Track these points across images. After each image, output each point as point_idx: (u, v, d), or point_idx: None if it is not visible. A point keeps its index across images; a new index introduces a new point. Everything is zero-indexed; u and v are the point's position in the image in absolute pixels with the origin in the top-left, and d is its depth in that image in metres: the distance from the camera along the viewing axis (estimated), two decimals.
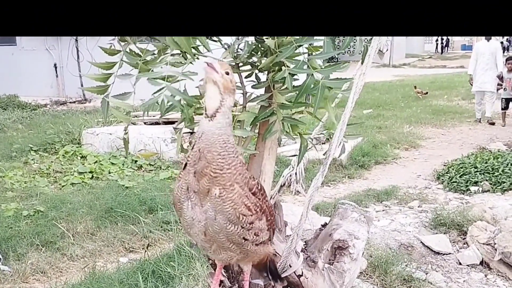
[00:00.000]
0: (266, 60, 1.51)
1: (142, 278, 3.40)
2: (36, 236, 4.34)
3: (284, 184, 2.02)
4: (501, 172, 5.83)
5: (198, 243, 1.46)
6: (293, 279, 1.77)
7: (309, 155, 1.98)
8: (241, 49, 1.59)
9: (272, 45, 1.44)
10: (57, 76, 13.86)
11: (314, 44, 1.54)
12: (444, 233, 4.30)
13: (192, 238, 1.46)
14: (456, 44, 40.13)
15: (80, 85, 12.27)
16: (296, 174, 2.00)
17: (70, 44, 13.27)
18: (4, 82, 13.03)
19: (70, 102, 13.11)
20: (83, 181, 5.93)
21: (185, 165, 1.38)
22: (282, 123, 1.65)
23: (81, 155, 6.86)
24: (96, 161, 6.58)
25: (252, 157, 1.75)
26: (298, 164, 1.97)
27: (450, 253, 4.06)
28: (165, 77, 1.46)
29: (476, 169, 6.01)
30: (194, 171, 1.35)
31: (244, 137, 1.68)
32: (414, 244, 4.16)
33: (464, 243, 4.17)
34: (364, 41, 1.61)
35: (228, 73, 1.35)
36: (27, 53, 13.81)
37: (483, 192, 5.62)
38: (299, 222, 1.69)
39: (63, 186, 5.83)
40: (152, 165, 6.63)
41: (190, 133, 1.70)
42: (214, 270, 1.66)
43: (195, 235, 1.42)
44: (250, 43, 1.55)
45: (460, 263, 3.93)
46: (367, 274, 3.62)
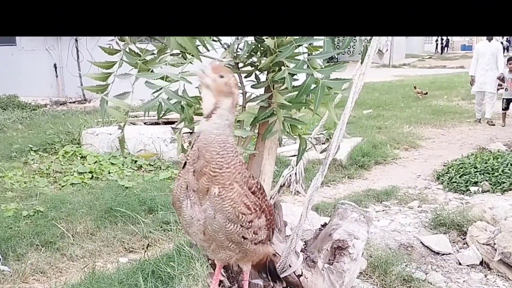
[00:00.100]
0: (266, 60, 1.51)
1: (142, 278, 3.40)
2: (36, 236, 4.34)
3: (284, 184, 2.02)
4: (501, 172, 5.83)
5: (197, 242, 1.46)
6: (293, 279, 1.77)
7: (309, 155, 1.98)
8: (241, 49, 1.59)
9: (272, 45, 1.44)
10: (57, 76, 13.86)
11: (314, 44, 1.54)
12: (444, 233, 4.30)
13: (191, 237, 1.46)
14: (456, 44, 40.11)
15: (80, 85, 12.27)
16: (296, 174, 2.00)
17: (70, 44, 13.27)
18: (4, 82, 13.02)
19: (70, 102, 13.11)
20: (83, 181, 5.93)
21: (185, 164, 1.39)
22: (282, 123, 1.65)
23: (81, 155, 6.86)
24: (96, 161, 6.58)
25: (252, 157, 1.75)
26: (298, 164, 1.97)
27: (450, 253, 4.06)
28: (164, 77, 1.46)
29: (476, 169, 6.01)
30: (193, 170, 1.35)
31: (244, 137, 1.68)
32: (414, 244, 4.16)
33: (464, 243, 4.17)
34: (364, 41, 1.61)
35: (223, 76, 1.34)
36: (27, 53, 13.80)
37: (483, 192, 5.62)
38: (299, 222, 1.69)
39: (63, 186, 5.83)
40: (152, 165, 6.63)
41: (190, 133, 1.70)
42: (214, 270, 1.66)
43: (194, 234, 1.42)
44: (250, 43, 1.55)
45: (460, 263, 3.93)
46: (367, 274, 3.62)
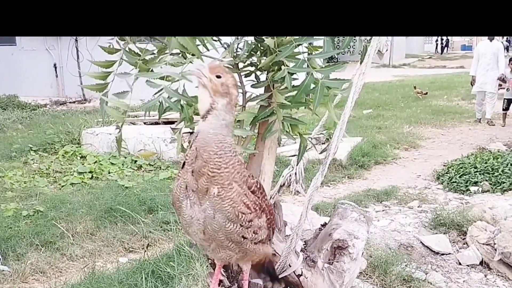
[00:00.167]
0: (266, 60, 1.51)
1: (142, 278, 3.40)
2: (36, 236, 4.34)
3: (284, 184, 2.02)
4: (501, 172, 5.83)
5: (197, 242, 1.46)
6: (293, 279, 1.77)
7: (309, 155, 1.98)
8: (241, 49, 1.59)
9: (272, 45, 1.44)
10: (57, 76, 13.86)
11: (314, 44, 1.54)
12: (444, 233, 4.30)
13: (191, 237, 1.46)
14: (456, 44, 40.09)
15: (80, 85, 12.27)
16: (296, 174, 2.00)
17: (70, 44, 13.27)
18: (4, 82, 13.02)
19: (70, 102, 13.10)
20: (83, 181, 5.93)
21: (184, 164, 1.39)
22: (282, 123, 1.65)
23: (81, 155, 6.86)
24: (96, 161, 6.58)
25: (252, 157, 1.75)
26: (298, 164, 1.97)
27: (450, 253, 4.06)
28: (164, 77, 1.46)
29: (476, 169, 6.01)
30: (192, 170, 1.35)
31: (244, 137, 1.68)
32: (414, 244, 4.16)
33: (464, 243, 4.17)
34: (364, 41, 1.61)
35: (220, 77, 1.34)
36: (27, 53, 13.80)
37: (483, 192, 5.62)
38: (299, 222, 1.69)
39: (63, 186, 5.83)
40: (152, 165, 6.64)
41: (190, 133, 1.70)
42: (214, 270, 1.66)
43: (194, 234, 1.42)
44: (250, 43, 1.55)
45: (460, 263, 3.93)
46: (367, 274, 3.62)
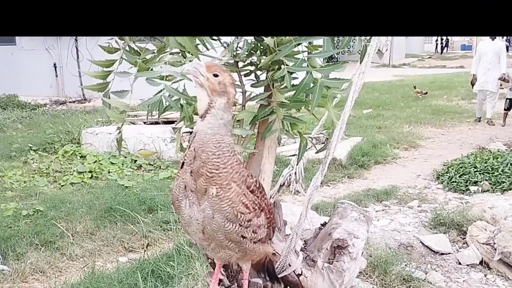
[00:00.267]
0: (265, 59, 1.51)
1: (142, 278, 3.40)
2: (36, 236, 4.34)
3: (284, 184, 2.02)
4: (501, 172, 5.84)
5: (197, 241, 1.47)
6: (293, 278, 1.77)
7: (309, 155, 1.98)
8: (240, 48, 1.59)
9: (271, 44, 1.44)
10: (57, 76, 13.86)
11: (314, 43, 1.54)
12: (444, 233, 4.31)
13: (191, 236, 1.46)
14: (456, 44, 40.11)
15: (80, 85, 12.26)
16: (296, 174, 2.00)
17: (70, 44, 13.26)
18: (4, 82, 13.02)
19: (70, 102, 13.10)
20: (83, 181, 5.94)
21: (183, 164, 1.39)
22: (282, 122, 1.65)
23: (81, 155, 6.86)
24: (96, 161, 6.58)
25: (252, 156, 1.75)
26: (298, 164, 1.97)
27: (450, 253, 4.06)
28: (164, 77, 1.46)
29: (476, 169, 6.02)
30: (191, 171, 1.35)
31: (244, 136, 1.68)
32: (414, 244, 4.16)
33: (464, 243, 4.17)
34: (364, 41, 1.61)
35: (217, 75, 1.33)
36: (27, 53, 13.80)
37: (483, 192, 5.63)
38: (299, 221, 1.69)
39: (63, 186, 5.84)
40: (152, 165, 6.64)
41: (190, 133, 1.70)
42: (213, 269, 1.66)
43: (193, 233, 1.43)
44: (249, 42, 1.55)
45: (460, 263, 3.94)
46: (367, 274, 3.62)
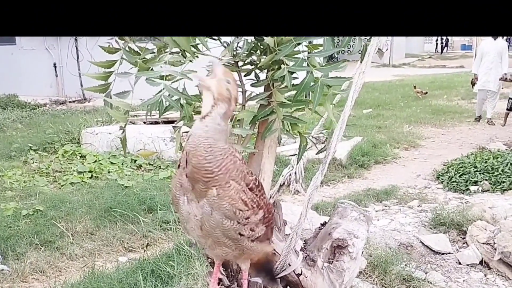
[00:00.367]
0: (266, 58, 1.51)
1: (141, 278, 3.40)
2: (35, 236, 4.34)
3: (284, 184, 2.02)
4: (501, 172, 5.83)
5: (195, 238, 1.47)
6: (292, 278, 1.77)
7: (309, 155, 1.98)
8: (240, 47, 1.59)
9: (272, 43, 1.44)
10: (57, 76, 13.85)
11: (314, 42, 1.54)
12: (444, 233, 4.30)
13: (189, 233, 1.47)
14: (456, 44, 40.10)
15: (80, 85, 12.26)
16: (296, 174, 2.00)
17: (70, 44, 13.25)
18: (4, 82, 13.01)
19: (70, 102, 13.10)
20: (83, 181, 5.93)
21: (179, 165, 1.40)
22: (282, 122, 1.65)
23: (81, 155, 6.86)
24: (96, 161, 6.58)
25: (252, 156, 1.75)
26: (298, 163, 1.97)
27: (450, 253, 4.06)
28: (164, 76, 1.46)
29: (476, 169, 6.02)
30: (186, 174, 1.36)
31: (243, 136, 1.68)
32: (414, 244, 4.16)
33: (464, 243, 4.17)
34: (364, 40, 1.61)
35: (229, 83, 1.35)
36: (27, 53, 13.79)
37: (483, 192, 5.62)
38: (299, 221, 1.69)
39: (62, 186, 5.83)
40: (152, 165, 6.64)
41: None
42: (213, 269, 1.67)
43: (192, 230, 1.44)
44: (249, 42, 1.55)
45: (460, 263, 3.94)
46: (367, 274, 3.62)
